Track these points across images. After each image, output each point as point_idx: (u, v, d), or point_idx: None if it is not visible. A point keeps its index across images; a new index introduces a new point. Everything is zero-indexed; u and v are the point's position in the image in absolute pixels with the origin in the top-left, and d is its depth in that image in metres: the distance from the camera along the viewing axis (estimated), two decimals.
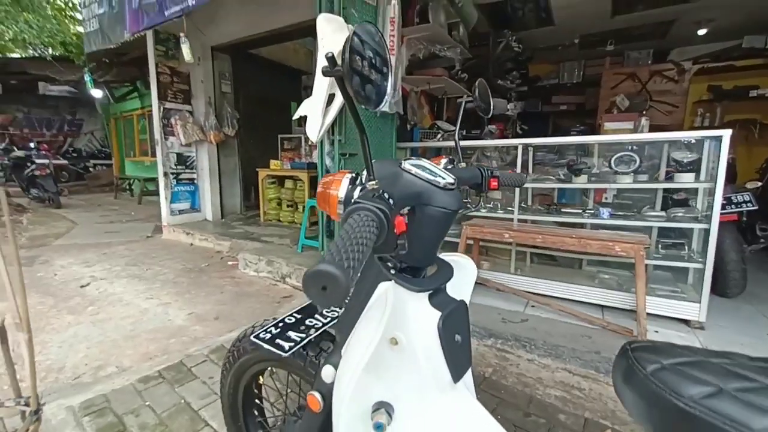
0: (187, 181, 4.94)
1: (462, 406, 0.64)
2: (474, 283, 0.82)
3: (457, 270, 0.77)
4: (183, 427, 1.47)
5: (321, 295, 0.36)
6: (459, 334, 0.66)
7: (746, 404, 0.40)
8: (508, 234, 2.24)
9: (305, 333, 0.87)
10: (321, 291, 0.35)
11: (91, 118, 11.36)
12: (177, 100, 4.70)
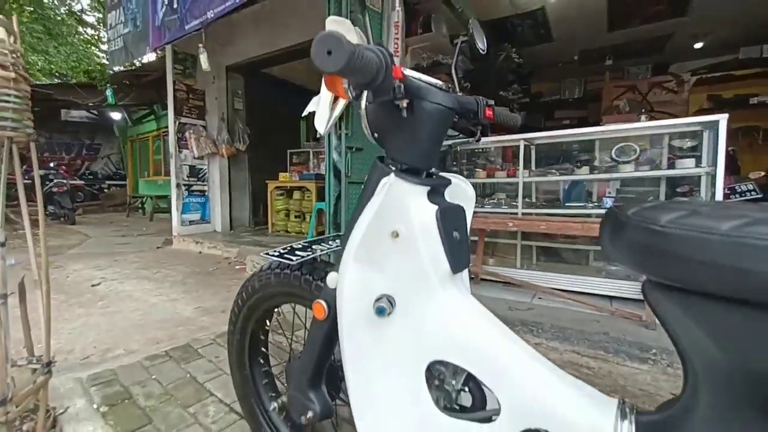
0: (198, 193, 5.07)
1: (460, 299, 0.67)
2: (473, 207, 0.85)
3: (456, 186, 0.81)
4: (188, 396, 1.47)
5: (326, 59, 0.41)
6: (457, 232, 0.70)
7: (716, 216, 0.42)
8: (512, 223, 2.26)
9: (312, 253, 0.90)
10: (326, 55, 0.41)
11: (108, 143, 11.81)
12: (192, 116, 4.91)
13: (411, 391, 0.66)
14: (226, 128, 5.13)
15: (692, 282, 0.43)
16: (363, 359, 0.68)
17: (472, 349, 0.63)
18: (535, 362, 0.60)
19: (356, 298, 0.69)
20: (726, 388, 0.44)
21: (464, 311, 0.65)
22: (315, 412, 0.82)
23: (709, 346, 0.44)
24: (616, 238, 0.50)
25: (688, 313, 0.46)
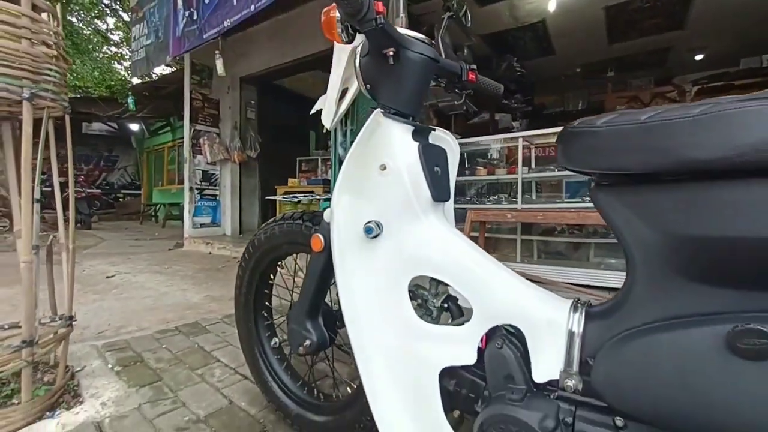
0: (210, 197, 5.24)
1: (439, 224, 0.75)
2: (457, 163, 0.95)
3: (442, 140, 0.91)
4: (196, 361, 1.55)
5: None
6: (438, 168, 0.79)
7: (639, 113, 0.51)
8: (511, 215, 2.34)
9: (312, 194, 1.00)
10: None
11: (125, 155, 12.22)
12: (206, 123, 5.14)
13: (396, 303, 0.74)
14: (238, 136, 5.34)
15: (623, 167, 0.51)
16: (354, 277, 0.77)
17: (448, 264, 0.71)
18: (503, 271, 0.68)
19: (348, 223, 0.78)
20: (657, 263, 0.52)
21: (442, 233, 0.74)
22: (312, 341, 0.90)
23: (641, 228, 0.52)
24: (567, 147, 0.59)
25: (624, 203, 0.54)
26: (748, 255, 0.43)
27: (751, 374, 0.41)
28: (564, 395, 0.57)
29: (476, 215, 2.43)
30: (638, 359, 0.50)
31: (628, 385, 0.50)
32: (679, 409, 0.46)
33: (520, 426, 0.55)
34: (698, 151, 0.44)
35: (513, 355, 0.61)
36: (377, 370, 0.73)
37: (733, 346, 0.42)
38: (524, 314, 0.63)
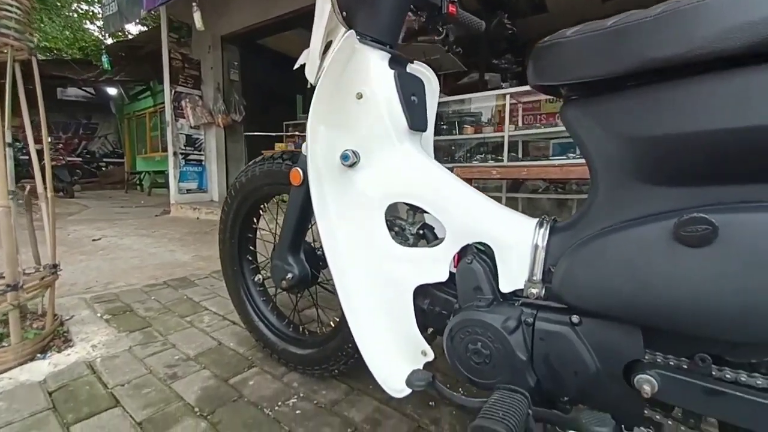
0: (195, 162, 5.14)
1: (416, 152, 0.76)
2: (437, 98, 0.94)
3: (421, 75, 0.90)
4: (185, 310, 1.58)
5: None
6: (415, 97, 0.79)
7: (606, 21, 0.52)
8: (496, 171, 2.35)
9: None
10: None
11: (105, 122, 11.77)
12: (187, 85, 4.95)
13: (373, 228, 0.76)
14: (222, 98, 5.17)
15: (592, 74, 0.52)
16: (332, 205, 0.79)
17: (423, 189, 0.72)
18: (475, 194, 0.70)
19: (324, 153, 0.79)
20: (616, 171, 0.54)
21: (418, 161, 0.75)
22: (294, 274, 0.93)
23: (604, 136, 0.54)
24: (537, 62, 0.59)
25: (589, 113, 0.55)
26: (701, 149, 0.45)
27: (693, 260, 0.45)
28: (528, 302, 0.60)
29: (462, 173, 2.44)
30: (594, 259, 0.53)
31: (584, 283, 0.53)
32: (629, 299, 0.49)
33: (485, 327, 0.58)
34: (659, 49, 0.45)
35: (482, 269, 0.64)
36: (356, 292, 0.76)
37: (678, 236, 0.45)
38: (494, 231, 0.65)
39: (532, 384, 0.56)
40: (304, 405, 0.98)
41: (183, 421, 0.91)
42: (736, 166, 0.44)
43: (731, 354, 0.47)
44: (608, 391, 0.53)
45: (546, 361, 0.56)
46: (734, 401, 0.44)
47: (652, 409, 0.53)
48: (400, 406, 0.97)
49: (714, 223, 0.43)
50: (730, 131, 0.43)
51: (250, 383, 1.07)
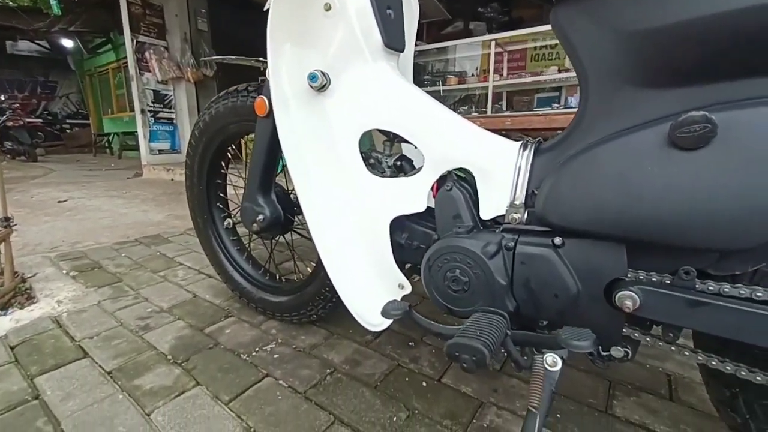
0: (165, 121, 4.85)
1: (391, 72, 0.68)
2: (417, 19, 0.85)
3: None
4: (158, 265, 1.52)
5: None
6: (391, 11, 0.70)
7: None
8: (480, 122, 2.28)
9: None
10: None
11: (65, 81, 10.91)
12: (150, 34, 4.55)
13: (346, 159, 0.70)
14: (190, 50, 4.80)
15: None
16: (300, 133, 0.72)
17: (400, 114, 0.66)
18: (455, 118, 0.64)
19: (290, 75, 0.70)
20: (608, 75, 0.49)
21: (393, 82, 0.68)
22: (265, 216, 0.87)
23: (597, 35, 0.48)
24: None
25: (580, 11, 0.49)
26: (697, 40, 0.41)
27: (689, 164, 0.41)
28: (509, 227, 0.57)
29: None
30: (581, 174, 0.49)
31: (570, 201, 0.50)
32: (618, 214, 0.46)
33: (464, 253, 0.55)
34: None
35: (462, 196, 0.60)
36: (329, 226, 0.72)
37: (674, 138, 0.41)
38: (474, 157, 0.61)
39: (511, 308, 0.54)
40: (283, 350, 0.96)
41: (155, 368, 0.88)
42: (733, 58, 0.40)
43: (716, 267, 0.46)
44: (588, 312, 0.51)
45: (526, 285, 0.54)
46: (718, 312, 0.43)
47: (630, 327, 0.51)
48: (380, 348, 0.96)
49: (714, 120, 0.39)
50: (723, 15, 0.38)
51: (226, 332, 1.04)
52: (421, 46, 3.49)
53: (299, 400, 0.77)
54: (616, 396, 0.78)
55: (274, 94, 0.71)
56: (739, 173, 0.38)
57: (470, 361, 0.43)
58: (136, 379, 0.84)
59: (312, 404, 0.76)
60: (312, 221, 0.73)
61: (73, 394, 0.79)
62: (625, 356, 0.53)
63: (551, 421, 0.71)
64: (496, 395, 0.79)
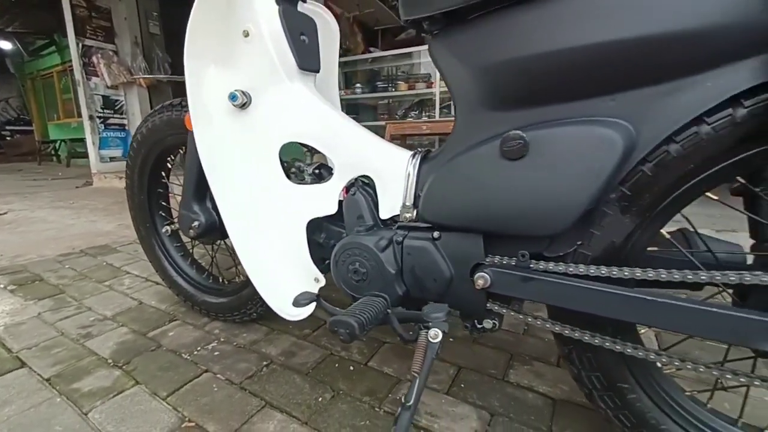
0: (117, 127, 4.69)
1: (307, 92, 0.77)
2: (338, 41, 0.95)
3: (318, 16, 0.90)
4: (104, 275, 1.53)
5: None
6: (306, 37, 0.79)
7: None
8: (426, 126, 2.42)
9: None
10: None
11: (4, 84, 10.16)
12: (98, 38, 4.39)
13: (267, 169, 0.78)
14: (142, 54, 4.66)
15: (449, 4, 0.55)
16: (222, 148, 0.79)
17: (313, 128, 0.75)
18: (361, 131, 0.74)
19: (214, 94, 0.78)
20: (469, 100, 0.60)
21: (308, 100, 0.76)
22: (200, 222, 0.94)
23: (459, 67, 0.59)
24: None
25: (448, 46, 0.60)
26: (523, 74, 0.52)
27: (513, 171, 0.53)
28: (402, 225, 0.67)
29: (394, 129, 2.48)
30: (446, 180, 0.60)
31: (439, 202, 0.61)
32: (471, 211, 0.57)
33: (361, 248, 0.65)
34: None
35: (364, 199, 0.70)
36: (249, 230, 0.80)
37: (503, 152, 0.53)
38: (375, 165, 0.71)
39: (401, 293, 0.64)
40: (224, 347, 1.02)
41: (95, 372, 0.91)
42: (545, 88, 0.52)
43: (548, 250, 0.58)
44: (460, 291, 0.62)
45: (412, 272, 0.64)
46: (546, 285, 0.55)
47: (493, 303, 0.63)
48: (316, 340, 1.04)
49: (525, 138, 0.50)
50: (537, 56, 0.50)
51: (170, 334, 1.09)
52: (376, 53, 3.60)
53: (234, 390, 0.84)
54: (514, 366, 0.91)
55: (192, 112, 0.78)
56: (545, 178, 0.50)
57: (345, 333, 0.53)
58: (74, 383, 0.87)
59: (246, 393, 0.84)
60: (231, 226, 0.80)
61: (9, 401, 0.81)
62: (493, 326, 0.65)
63: (455, 390, 0.83)
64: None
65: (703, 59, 0.44)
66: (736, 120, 0.44)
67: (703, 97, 0.44)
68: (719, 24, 0.42)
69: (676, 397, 0.57)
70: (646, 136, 0.47)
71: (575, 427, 0.72)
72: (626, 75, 0.47)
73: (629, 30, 0.45)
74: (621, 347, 0.53)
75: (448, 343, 1.01)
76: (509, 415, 0.76)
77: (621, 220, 0.52)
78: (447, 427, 0.73)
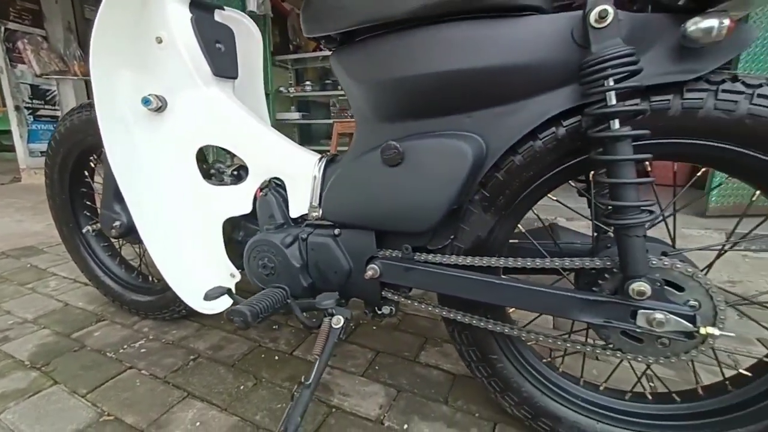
0: (48, 119, 4.35)
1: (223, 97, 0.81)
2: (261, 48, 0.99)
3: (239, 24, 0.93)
4: (27, 277, 1.46)
5: None
6: (222, 45, 0.83)
7: None
8: None
9: None
10: None
11: None
12: (23, 22, 4.04)
13: (184, 170, 0.81)
14: (76, 41, 4.34)
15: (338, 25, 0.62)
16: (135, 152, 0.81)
17: (228, 133, 0.79)
18: (274, 135, 0.79)
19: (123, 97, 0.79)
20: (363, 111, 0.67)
21: (224, 105, 0.80)
22: (121, 222, 0.95)
23: (352, 82, 0.66)
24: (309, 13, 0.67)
25: (342, 62, 0.67)
26: (402, 91, 0.60)
27: (391, 177, 0.61)
28: (309, 223, 0.74)
29: (341, 127, 2.53)
30: (341, 184, 0.67)
31: (337, 203, 0.68)
32: (362, 211, 0.65)
33: (269, 244, 0.71)
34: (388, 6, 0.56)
35: (275, 200, 0.76)
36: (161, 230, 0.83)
37: (384, 159, 0.61)
38: (285, 168, 0.76)
39: (306, 285, 0.71)
40: (151, 344, 1.04)
41: (10, 375, 0.90)
42: (418, 105, 0.60)
43: (431, 243, 0.67)
44: (358, 282, 0.70)
45: (316, 266, 0.71)
46: (425, 274, 0.64)
47: (388, 290, 0.71)
48: (246, 333, 1.09)
49: (399, 147, 0.58)
50: (410, 77, 0.58)
51: (95, 334, 1.08)
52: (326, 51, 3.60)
53: (157, 384, 0.87)
54: (426, 348, 1.01)
55: (99, 114, 0.78)
56: (416, 182, 0.59)
57: (240, 321, 0.59)
58: None
59: (169, 386, 0.87)
60: (143, 225, 0.82)
61: None
62: (391, 312, 0.73)
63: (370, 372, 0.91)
64: (334, 359, 0.97)
65: (531, 86, 0.54)
66: (558, 136, 0.54)
67: (531, 117, 0.54)
68: (541, 59, 0.52)
69: (534, 364, 0.69)
70: (494, 148, 0.57)
71: (467, 396, 0.83)
72: (478, 96, 0.56)
73: (478, 60, 0.54)
74: (485, 324, 0.63)
75: (371, 331, 1.10)
76: (414, 390, 0.85)
77: (483, 217, 0.62)
78: (356, 404, 0.81)
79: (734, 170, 0.51)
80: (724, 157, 0.48)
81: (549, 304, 0.59)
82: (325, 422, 0.76)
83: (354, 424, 0.76)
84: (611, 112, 0.47)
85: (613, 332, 0.55)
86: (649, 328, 0.51)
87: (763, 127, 0.45)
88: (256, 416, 0.77)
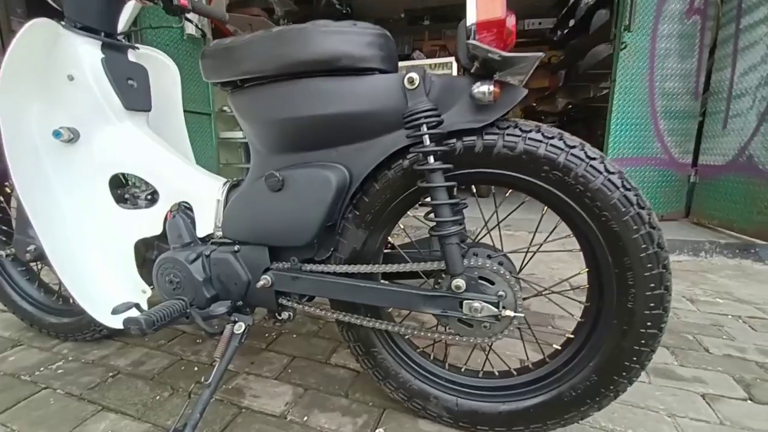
0: None
1: (135, 129, 0.89)
2: (179, 82, 1.08)
3: (155, 60, 1.02)
4: None
5: None
6: (134, 82, 0.92)
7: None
8: None
9: None
10: None
11: None
12: None
13: (96, 197, 0.88)
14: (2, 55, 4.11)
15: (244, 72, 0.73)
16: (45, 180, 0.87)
17: (140, 161, 0.88)
18: (181, 162, 0.88)
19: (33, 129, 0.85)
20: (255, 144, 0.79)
21: (135, 136, 0.89)
22: (36, 245, 0.98)
23: (242, 119, 0.78)
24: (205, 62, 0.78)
25: (236, 104, 0.78)
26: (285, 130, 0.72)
27: (274, 200, 0.73)
28: (214, 241, 0.83)
29: None
30: (236, 206, 0.78)
31: (233, 222, 0.78)
32: (253, 229, 0.76)
33: (174, 262, 0.79)
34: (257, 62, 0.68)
35: (182, 221, 0.84)
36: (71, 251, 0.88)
37: (269, 185, 0.72)
38: (193, 192, 0.86)
39: (209, 296, 0.80)
40: (70, 365, 1.06)
41: None
42: (296, 142, 0.73)
43: (317, 255, 0.79)
44: (255, 292, 0.80)
45: (219, 279, 0.80)
46: (310, 282, 0.75)
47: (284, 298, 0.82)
48: (169, 348, 1.14)
49: (278, 176, 0.70)
50: (285, 119, 0.70)
51: (10, 359, 1.08)
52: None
53: (71, 401, 0.91)
54: (338, 351, 1.12)
55: (6, 145, 0.82)
56: (293, 205, 0.71)
57: (135, 329, 0.67)
58: None
59: (84, 402, 0.91)
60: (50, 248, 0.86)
61: None
62: (289, 317, 0.84)
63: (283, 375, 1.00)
64: (252, 366, 1.05)
65: (379, 128, 0.68)
66: (404, 167, 0.69)
67: (381, 151, 0.68)
68: (382, 107, 0.66)
69: (409, 353, 0.82)
70: (356, 175, 0.71)
71: (365, 390, 0.94)
72: (341, 135, 0.70)
73: (339, 107, 0.68)
74: (360, 322, 0.76)
75: (290, 338, 1.19)
76: (319, 388, 0.95)
77: (356, 232, 0.75)
78: (264, 404, 0.90)
79: (519, 189, 0.68)
80: (511, 181, 0.65)
81: (405, 301, 0.72)
82: (233, 421, 0.84)
83: (259, 421, 0.84)
84: (426, 151, 0.62)
85: (451, 320, 0.69)
86: (471, 314, 0.65)
87: (532, 159, 0.62)
88: (168, 422, 0.84)
